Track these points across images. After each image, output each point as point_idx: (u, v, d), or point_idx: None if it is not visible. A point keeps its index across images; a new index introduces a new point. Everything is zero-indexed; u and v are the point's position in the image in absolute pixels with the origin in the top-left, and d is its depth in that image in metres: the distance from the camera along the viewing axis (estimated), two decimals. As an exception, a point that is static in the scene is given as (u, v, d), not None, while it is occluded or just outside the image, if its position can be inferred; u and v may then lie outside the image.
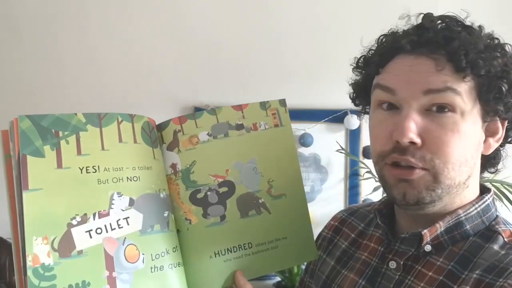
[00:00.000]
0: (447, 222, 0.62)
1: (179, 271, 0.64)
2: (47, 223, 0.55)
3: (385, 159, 0.61)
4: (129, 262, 0.59)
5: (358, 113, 0.76)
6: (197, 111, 1.46)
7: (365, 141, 1.93)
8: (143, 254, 0.61)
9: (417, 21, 0.63)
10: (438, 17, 0.61)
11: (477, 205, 0.64)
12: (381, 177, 0.64)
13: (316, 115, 1.91)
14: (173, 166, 0.67)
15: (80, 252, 0.56)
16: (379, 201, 0.75)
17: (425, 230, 0.62)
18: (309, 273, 0.83)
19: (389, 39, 0.64)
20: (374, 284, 0.67)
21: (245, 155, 0.71)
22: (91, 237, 0.58)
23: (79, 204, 0.58)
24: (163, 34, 1.92)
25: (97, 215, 0.59)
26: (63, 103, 1.85)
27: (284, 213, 0.71)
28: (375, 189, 1.76)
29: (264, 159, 0.71)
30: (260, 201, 0.70)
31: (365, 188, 1.92)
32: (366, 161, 1.88)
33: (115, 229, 0.60)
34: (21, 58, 1.87)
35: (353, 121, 1.86)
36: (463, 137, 0.58)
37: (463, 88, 0.58)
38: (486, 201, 0.65)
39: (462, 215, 0.63)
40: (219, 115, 0.71)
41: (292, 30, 1.94)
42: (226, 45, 1.93)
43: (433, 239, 0.62)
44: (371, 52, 0.67)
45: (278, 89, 1.92)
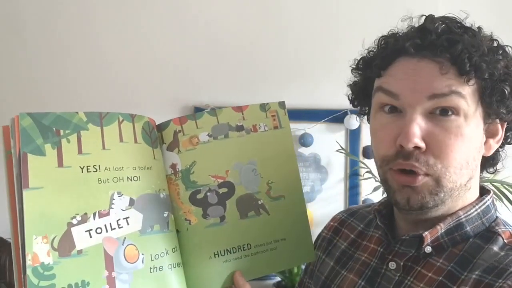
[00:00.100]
0: (448, 223, 0.62)
1: (179, 271, 0.64)
2: (47, 222, 0.55)
3: (389, 164, 0.61)
4: (129, 262, 0.59)
5: (358, 113, 0.76)
6: (197, 111, 1.47)
7: (365, 141, 1.93)
8: (143, 254, 0.61)
9: (419, 23, 0.63)
10: (439, 19, 0.61)
11: (477, 207, 0.64)
12: (384, 181, 0.63)
13: (316, 115, 1.90)
14: (173, 166, 0.67)
15: (80, 251, 0.56)
16: (378, 202, 0.75)
17: (426, 232, 0.62)
18: (308, 274, 0.83)
19: (391, 41, 0.63)
20: (373, 284, 0.67)
21: (245, 156, 0.71)
22: (91, 236, 0.58)
23: (79, 203, 0.58)
24: (164, 34, 1.92)
25: (97, 215, 0.59)
26: (63, 102, 1.85)
27: (283, 214, 0.71)
28: (375, 189, 1.75)
29: (263, 161, 0.72)
30: (259, 202, 0.70)
31: (365, 188, 1.92)
32: (366, 161, 1.88)
33: (115, 229, 0.59)
34: (23, 57, 1.87)
35: (353, 121, 1.86)
36: (466, 140, 0.58)
37: (467, 91, 0.58)
38: (486, 202, 0.65)
39: (462, 217, 0.63)
40: (220, 116, 0.71)
41: (293, 30, 1.94)
42: (226, 45, 1.93)
43: (434, 240, 0.62)
44: (371, 54, 0.67)
45: (278, 89, 1.92)
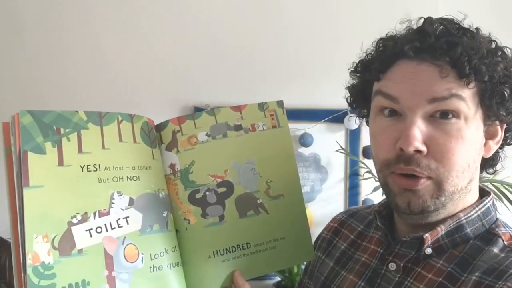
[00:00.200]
0: (448, 225, 0.62)
1: (178, 271, 0.64)
2: (47, 221, 0.55)
3: (390, 168, 0.60)
4: (129, 261, 0.59)
5: (357, 115, 0.76)
6: (197, 111, 1.46)
7: (365, 141, 1.93)
8: (142, 253, 0.61)
9: (417, 25, 0.62)
10: (437, 20, 0.61)
11: (477, 208, 0.64)
12: (385, 184, 0.63)
13: (316, 115, 1.90)
14: (172, 166, 0.68)
15: (80, 251, 0.56)
16: (379, 203, 0.75)
17: (427, 234, 0.62)
18: (308, 274, 0.83)
19: (390, 44, 0.62)
20: (373, 285, 0.67)
21: (244, 156, 0.71)
22: (91, 236, 0.58)
23: (79, 202, 0.58)
24: (164, 34, 1.92)
25: (97, 214, 0.59)
26: (63, 102, 1.85)
27: (282, 213, 0.72)
28: (375, 189, 1.75)
29: (262, 160, 0.72)
30: (258, 202, 0.71)
31: (365, 188, 1.92)
32: (366, 161, 1.88)
33: (115, 228, 0.60)
34: (23, 56, 1.87)
35: (353, 121, 1.86)
36: (467, 142, 0.58)
37: (467, 94, 0.57)
38: (486, 204, 0.65)
39: (463, 219, 0.63)
40: (218, 116, 0.71)
41: (293, 30, 1.94)
42: (226, 45, 1.93)
43: (434, 242, 0.62)
44: (369, 56, 0.66)
45: (278, 89, 1.92)
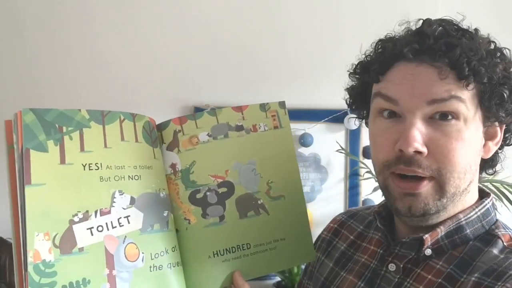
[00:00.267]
0: (448, 226, 0.62)
1: (178, 270, 0.65)
2: (49, 219, 0.55)
3: (390, 168, 0.60)
4: (129, 260, 0.60)
5: (356, 116, 0.76)
6: (198, 111, 1.47)
7: (365, 141, 1.93)
8: (143, 253, 0.61)
9: (416, 26, 0.62)
10: (436, 22, 0.61)
11: (477, 209, 0.64)
12: (385, 187, 0.63)
13: (316, 115, 1.90)
14: (173, 166, 0.68)
15: (81, 249, 0.56)
16: (379, 204, 0.75)
17: (427, 235, 0.62)
18: (307, 275, 0.83)
19: (389, 45, 0.62)
20: (373, 286, 0.67)
21: (245, 156, 0.71)
22: (92, 234, 0.58)
23: (81, 200, 0.58)
24: (164, 34, 1.92)
25: (98, 213, 0.59)
26: (63, 102, 1.84)
27: (282, 214, 0.72)
28: (375, 189, 1.75)
29: (263, 161, 0.72)
30: (259, 202, 0.71)
31: (365, 188, 1.92)
32: (366, 161, 1.88)
33: (116, 227, 0.60)
34: (23, 56, 1.87)
35: (352, 122, 1.86)
36: (467, 144, 0.58)
37: (466, 95, 0.57)
38: (486, 205, 0.65)
39: (462, 220, 0.63)
40: (219, 116, 0.71)
41: (293, 30, 1.94)
42: (226, 45, 1.92)
43: (434, 243, 0.62)
44: (368, 58, 0.66)
45: (278, 89, 1.91)
